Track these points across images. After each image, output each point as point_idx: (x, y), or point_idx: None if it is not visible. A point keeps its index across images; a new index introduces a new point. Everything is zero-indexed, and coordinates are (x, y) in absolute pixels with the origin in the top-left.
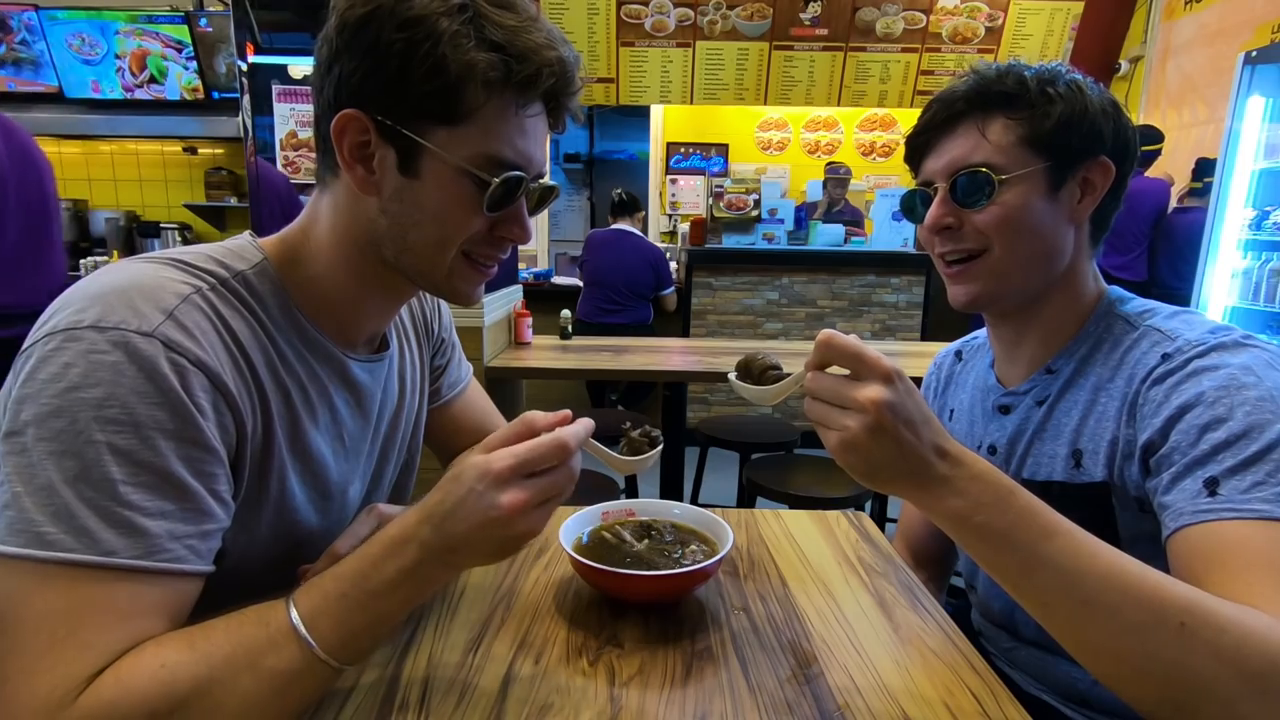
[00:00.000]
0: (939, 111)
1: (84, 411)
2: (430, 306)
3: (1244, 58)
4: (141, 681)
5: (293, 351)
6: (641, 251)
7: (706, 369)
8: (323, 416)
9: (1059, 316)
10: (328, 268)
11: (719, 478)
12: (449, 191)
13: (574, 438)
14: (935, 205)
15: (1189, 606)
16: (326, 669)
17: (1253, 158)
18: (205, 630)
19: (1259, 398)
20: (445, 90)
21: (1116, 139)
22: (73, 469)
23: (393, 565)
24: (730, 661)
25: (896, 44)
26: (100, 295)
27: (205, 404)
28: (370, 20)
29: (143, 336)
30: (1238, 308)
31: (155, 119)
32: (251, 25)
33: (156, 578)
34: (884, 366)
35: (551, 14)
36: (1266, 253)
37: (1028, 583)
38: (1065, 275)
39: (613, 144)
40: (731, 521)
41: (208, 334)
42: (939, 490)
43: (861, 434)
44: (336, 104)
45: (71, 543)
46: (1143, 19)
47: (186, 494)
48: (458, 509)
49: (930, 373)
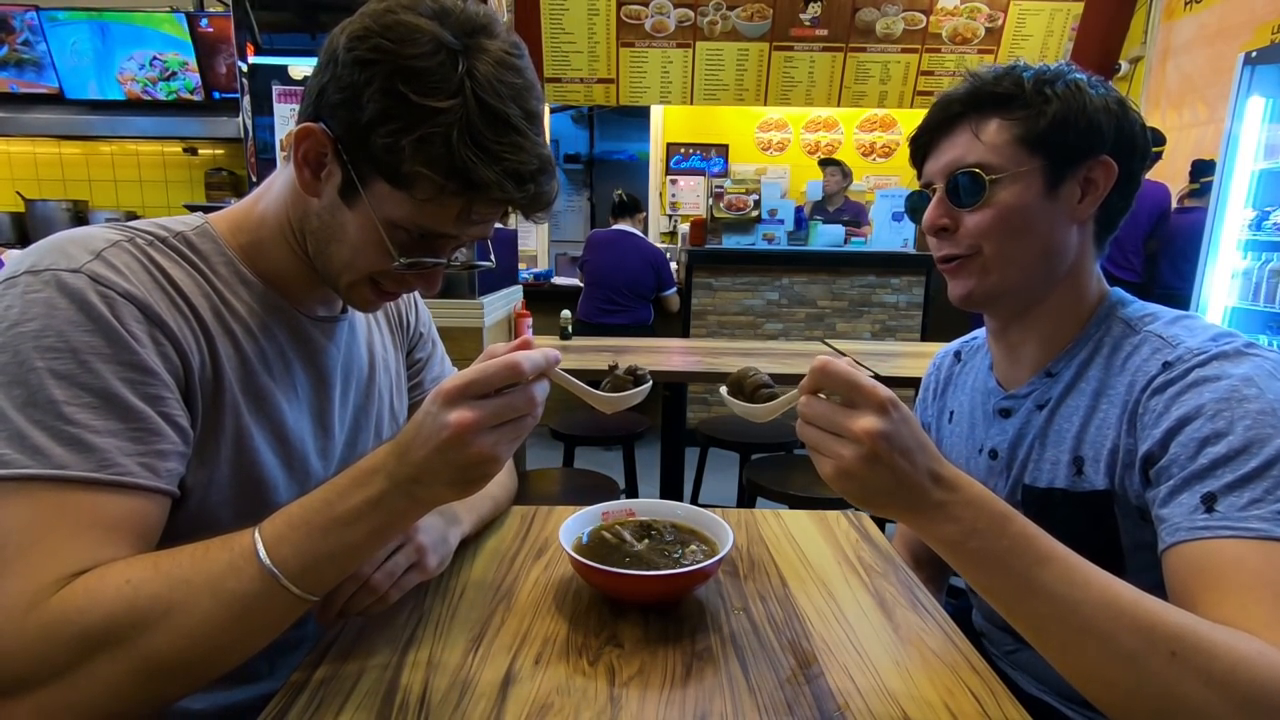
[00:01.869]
0: (937, 113)
1: (24, 344)
2: (406, 301)
3: (1244, 58)
4: (107, 594)
5: (239, 301)
6: (642, 252)
7: (706, 370)
8: (275, 363)
9: (1060, 318)
10: (269, 237)
11: (719, 478)
12: (370, 233)
13: (527, 359)
14: (931, 207)
15: (1180, 634)
16: (288, 595)
17: (1253, 158)
18: (172, 554)
19: (1260, 411)
20: (397, 168)
21: (1120, 137)
22: (20, 396)
23: (359, 495)
24: (730, 661)
25: (896, 44)
26: (37, 249)
27: (139, 333)
28: (365, 66)
29: (70, 273)
30: (1238, 308)
31: (155, 119)
32: (252, 25)
33: (113, 492)
34: (879, 396)
35: (551, 14)
36: (1266, 253)
37: (1021, 608)
38: (1069, 276)
39: (613, 144)
40: (731, 521)
41: (136, 273)
42: (934, 515)
43: (856, 463)
44: (315, 111)
45: (26, 460)
46: (1143, 19)
47: (131, 413)
48: (418, 435)
49: (929, 374)
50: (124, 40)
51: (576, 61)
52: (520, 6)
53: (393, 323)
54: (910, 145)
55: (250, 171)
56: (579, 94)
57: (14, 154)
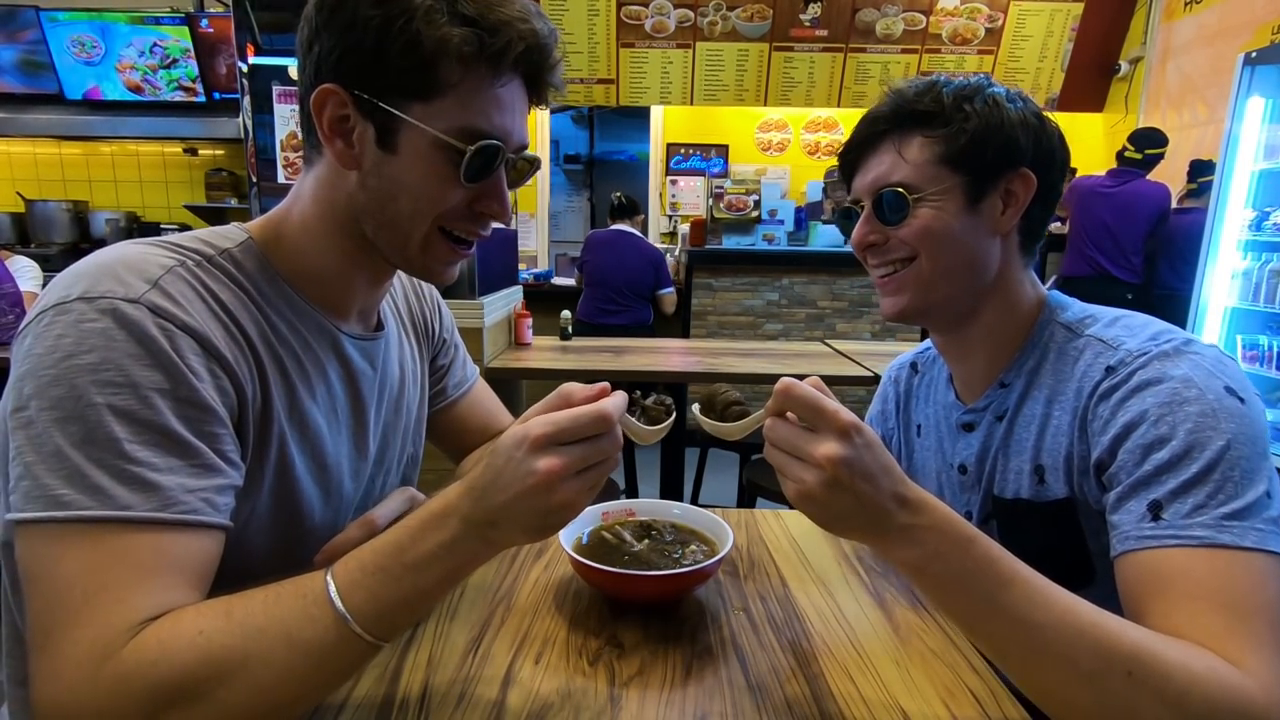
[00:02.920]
0: (863, 130)
1: (81, 377)
2: (430, 307)
3: (1244, 58)
4: (180, 646)
5: (284, 323)
6: (642, 251)
7: (706, 370)
8: (318, 387)
9: (999, 328)
10: (312, 242)
11: (719, 478)
12: (425, 164)
13: (616, 409)
14: (860, 224)
15: (1136, 654)
16: (362, 643)
17: (1252, 159)
18: (244, 600)
19: (1200, 413)
20: (420, 66)
21: (1038, 150)
22: (77, 433)
23: (433, 539)
24: (730, 661)
25: (896, 45)
26: (87, 271)
27: (198, 367)
28: (341, 3)
29: (129, 303)
30: (1238, 308)
31: (156, 120)
32: (252, 26)
33: (176, 531)
34: (841, 421)
35: (552, 15)
36: (1266, 253)
37: (982, 628)
38: (997, 285)
39: (613, 145)
40: (731, 522)
41: (193, 302)
42: (898, 539)
43: (818, 488)
44: (317, 80)
45: (87, 501)
46: (1143, 20)
47: (190, 450)
48: (497, 479)
49: (886, 386)
50: (124, 40)
51: (576, 62)
52: None
53: (419, 331)
54: (839, 161)
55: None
56: (579, 94)
57: (14, 154)
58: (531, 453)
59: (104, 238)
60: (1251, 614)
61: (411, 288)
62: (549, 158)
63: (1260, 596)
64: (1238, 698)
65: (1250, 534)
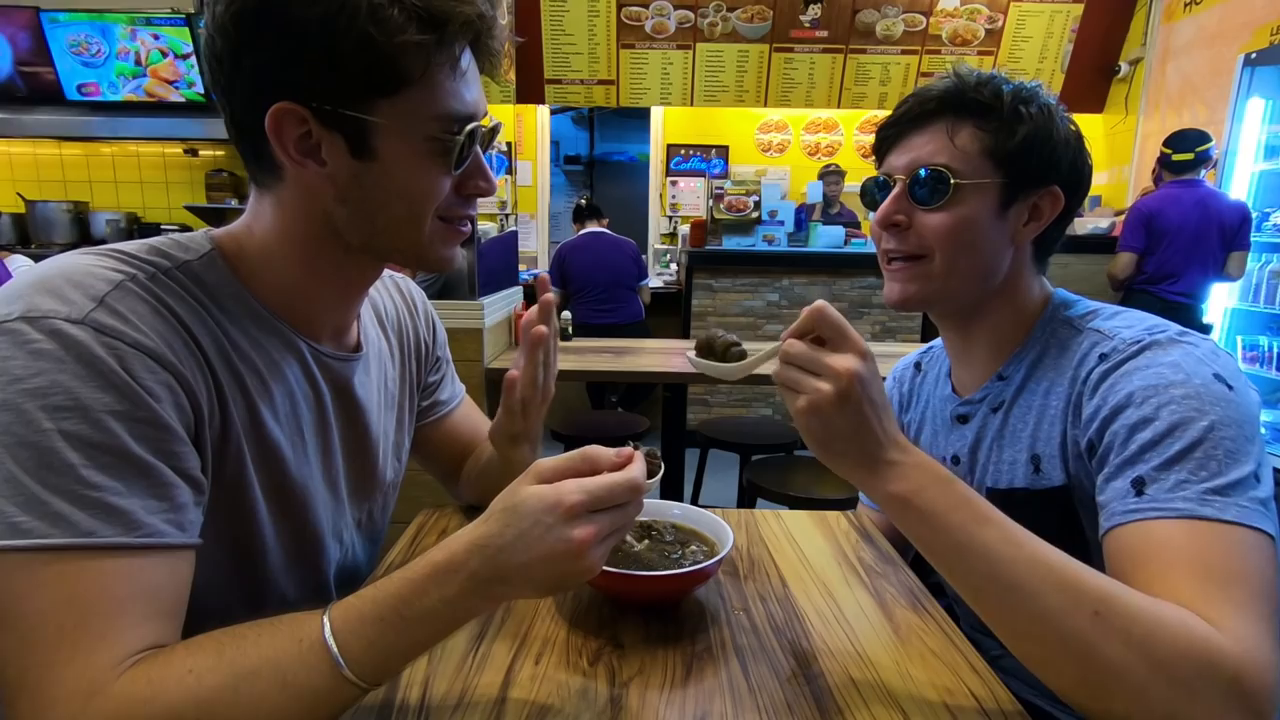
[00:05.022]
0: (913, 107)
1: (29, 402)
2: (425, 325)
3: (1243, 59)
4: (169, 685)
5: (245, 337)
6: (620, 245)
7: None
8: (282, 405)
9: (1003, 323)
10: (280, 263)
11: (719, 479)
12: (411, 162)
13: (644, 479)
14: (890, 200)
15: (1104, 596)
16: (355, 690)
17: (1252, 159)
18: (236, 638)
19: (1184, 395)
20: (379, 63)
21: (1072, 171)
22: (30, 459)
23: (436, 593)
24: (730, 661)
25: (896, 46)
26: (28, 288)
27: (153, 385)
28: (272, 2)
29: (72, 324)
30: (1238, 309)
31: (156, 121)
32: None
33: (145, 555)
34: (862, 344)
35: (552, 15)
36: (1266, 254)
37: (961, 565)
38: (1003, 288)
39: (613, 146)
40: (731, 522)
41: (145, 318)
42: (885, 473)
43: (830, 398)
44: (257, 101)
45: (47, 528)
46: (1142, 21)
47: (150, 471)
48: (519, 540)
49: (890, 388)
50: (124, 40)
51: (577, 63)
52: (520, 8)
53: (406, 351)
54: (877, 134)
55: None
56: (579, 95)
57: (14, 155)
58: (566, 520)
59: (104, 238)
60: (1230, 581)
61: (405, 305)
62: (549, 158)
63: (1239, 565)
64: (1206, 647)
65: (1232, 509)
